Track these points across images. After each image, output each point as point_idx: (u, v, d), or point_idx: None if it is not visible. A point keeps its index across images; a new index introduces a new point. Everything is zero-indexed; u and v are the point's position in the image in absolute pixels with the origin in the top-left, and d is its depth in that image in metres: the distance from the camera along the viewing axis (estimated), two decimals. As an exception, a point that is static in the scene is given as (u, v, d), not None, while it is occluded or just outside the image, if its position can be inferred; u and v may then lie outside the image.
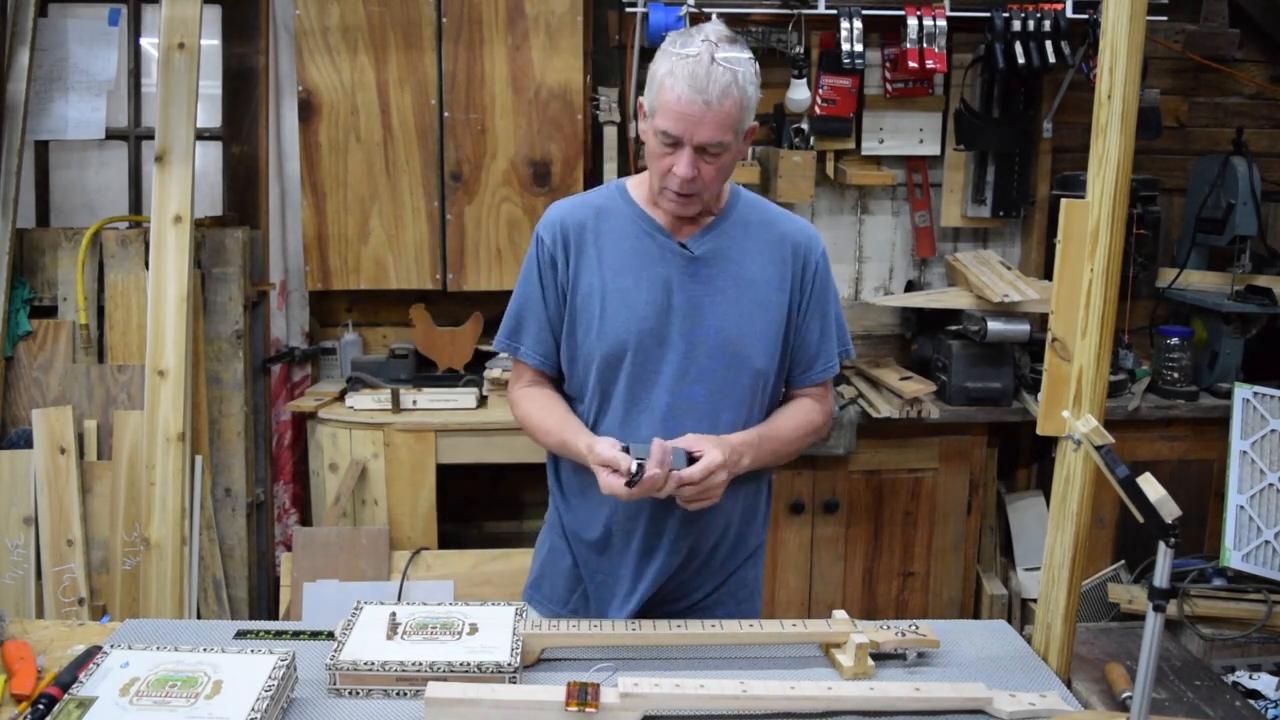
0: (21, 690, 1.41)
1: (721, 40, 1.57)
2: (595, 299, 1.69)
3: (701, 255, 1.69)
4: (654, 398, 1.68)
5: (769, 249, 1.73)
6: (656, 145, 1.61)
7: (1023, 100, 3.33)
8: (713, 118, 1.54)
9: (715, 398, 1.68)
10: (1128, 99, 1.40)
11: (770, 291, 1.71)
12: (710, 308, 1.68)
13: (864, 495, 3.13)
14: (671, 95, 1.55)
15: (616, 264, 1.70)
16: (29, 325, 2.97)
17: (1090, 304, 1.44)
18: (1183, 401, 3.16)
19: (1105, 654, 1.64)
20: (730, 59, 1.55)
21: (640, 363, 1.68)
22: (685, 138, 1.56)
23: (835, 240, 3.51)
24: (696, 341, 1.67)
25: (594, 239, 1.72)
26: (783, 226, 1.76)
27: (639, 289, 1.68)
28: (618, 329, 1.67)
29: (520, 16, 3.06)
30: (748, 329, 1.69)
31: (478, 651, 1.45)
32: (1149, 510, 1.23)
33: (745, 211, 1.75)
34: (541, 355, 1.77)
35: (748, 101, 1.59)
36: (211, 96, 3.22)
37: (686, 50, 1.54)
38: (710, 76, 1.52)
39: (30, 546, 2.84)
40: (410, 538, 3.02)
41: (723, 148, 1.58)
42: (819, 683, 1.43)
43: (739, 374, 1.69)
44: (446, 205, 3.13)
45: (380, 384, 3.11)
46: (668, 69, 1.56)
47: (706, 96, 1.53)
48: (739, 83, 1.55)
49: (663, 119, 1.57)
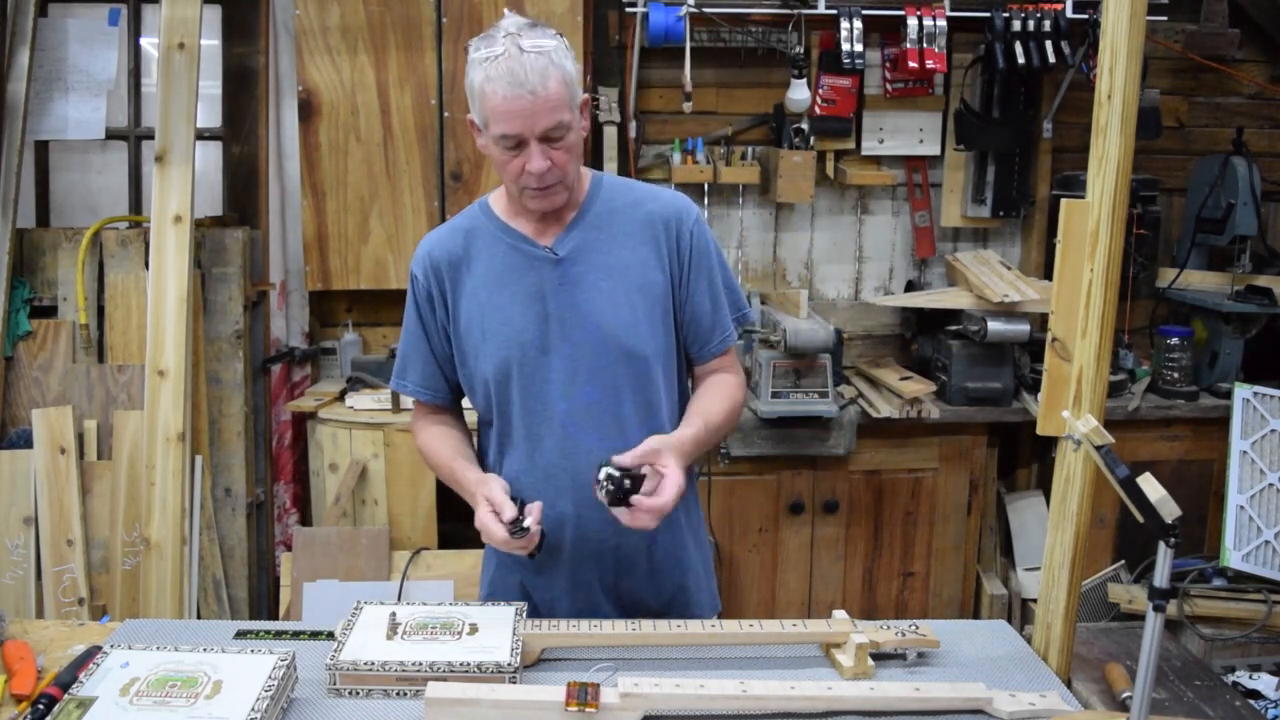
0: (21, 690, 1.42)
1: (522, 29, 1.54)
2: (476, 324, 1.68)
3: (567, 255, 1.66)
4: (550, 407, 1.66)
5: (638, 230, 1.69)
6: (501, 153, 1.58)
7: (1023, 100, 3.33)
8: (543, 105, 1.52)
9: (611, 394, 1.66)
10: (1128, 99, 1.40)
11: (646, 273, 1.68)
12: (586, 305, 1.65)
13: (864, 495, 3.13)
14: (497, 99, 1.52)
15: (490, 283, 1.68)
16: (29, 325, 2.97)
17: (1090, 304, 1.44)
18: (1183, 401, 3.16)
19: (1105, 654, 1.64)
20: (537, 44, 1.53)
21: (528, 375, 1.66)
22: (526, 133, 1.54)
23: (835, 240, 3.51)
24: (579, 343, 1.65)
25: (466, 265, 1.70)
26: (649, 205, 1.72)
27: (514, 303, 1.66)
28: (499, 348, 1.66)
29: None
30: (628, 318, 1.66)
31: (478, 651, 1.45)
32: (1149, 510, 1.23)
33: (610, 198, 1.72)
34: (431, 390, 1.77)
35: (569, 77, 1.56)
36: (211, 96, 3.22)
37: (493, 52, 1.52)
38: (526, 67, 1.50)
39: (30, 546, 2.84)
40: (410, 538, 3.02)
41: (565, 129, 1.56)
42: (819, 683, 1.43)
43: (629, 365, 1.66)
44: (446, 205, 3.13)
45: (380, 384, 3.11)
46: (483, 76, 1.53)
47: (530, 86, 1.50)
48: (555, 62, 1.53)
49: (497, 124, 1.54)
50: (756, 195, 3.42)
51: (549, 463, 1.67)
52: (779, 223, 3.49)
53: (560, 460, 1.67)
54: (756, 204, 3.45)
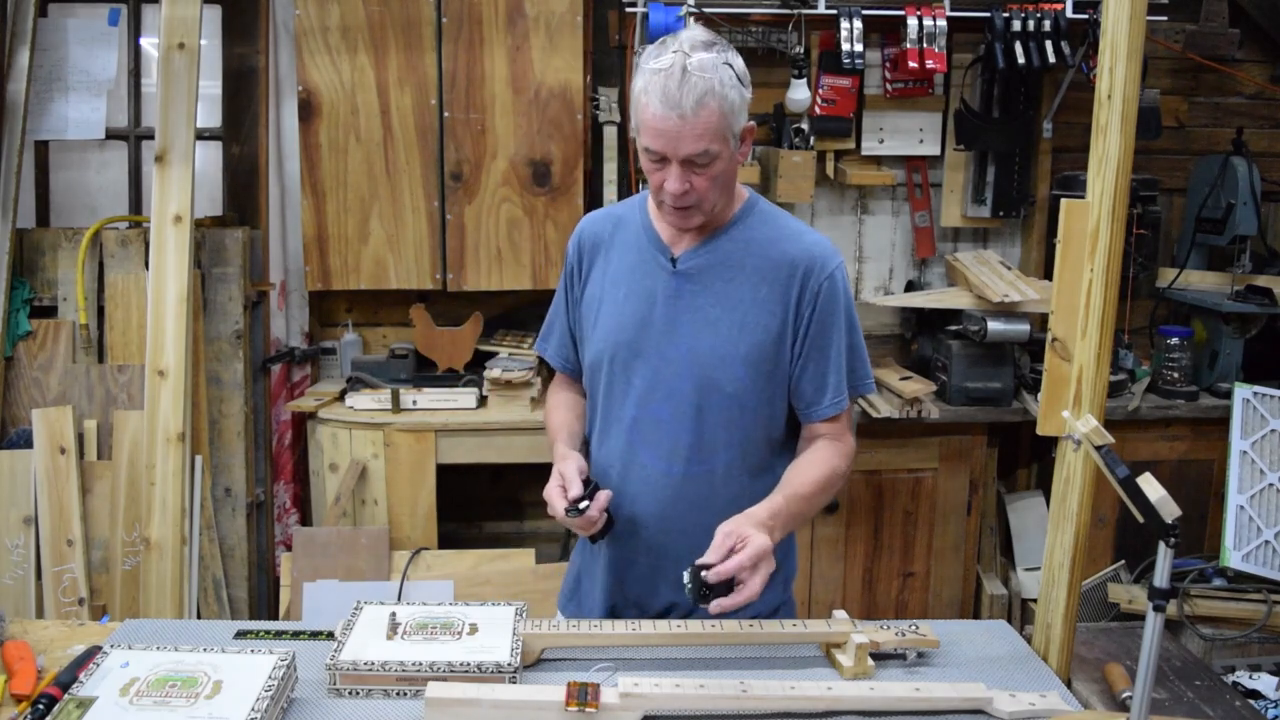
0: (21, 690, 1.41)
1: (696, 47, 1.50)
2: (592, 309, 1.72)
3: (686, 270, 1.65)
4: (624, 411, 1.68)
5: (769, 268, 1.64)
6: (646, 161, 1.57)
7: (1023, 100, 3.33)
8: (691, 130, 1.49)
9: (681, 419, 1.64)
10: (1128, 99, 1.40)
11: (760, 314, 1.63)
12: (686, 325, 1.64)
13: (864, 495, 3.13)
14: (648, 113, 1.51)
15: (616, 275, 1.71)
16: (29, 325, 2.97)
17: (1090, 304, 1.44)
18: (1183, 401, 3.16)
19: (1105, 654, 1.64)
20: (704, 64, 1.48)
21: (616, 374, 1.68)
22: (669, 153, 1.52)
23: (835, 240, 3.48)
24: (668, 358, 1.64)
25: (606, 251, 1.74)
26: (788, 246, 1.65)
27: (627, 300, 1.68)
28: (600, 340, 1.70)
29: (520, 16, 3.06)
30: (723, 351, 1.62)
31: (478, 651, 1.45)
32: (1149, 510, 1.23)
33: (753, 226, 1.67)
34: (563, 359, 1.84)
35: (729, 106, 1.51)
36: (211, 96, 3.22)
37: (659, 64, 1.50)
38: (684, 88, 1.47)
39: (30, 546, 2.84)
40: (410, 538, 3.02)
41: (711, 157, 1.52)
42: (819, 683, 1.43)
43: (707, 396, 1.63)
44: (446, 205, 3.13)
45: (380, 384, 3.11)
46: (642, 85, 1.52)
47: (681, 110, 1.47)
48: (716, 89, 1.49)
49: (645, 136, 1.54)
50: (756, 195, 3.42)
51: (607, 462, 1.72)
52: (779, 223, 3.48)
53: (617, 463, 1.70)
54: (756, 204, 3.44)
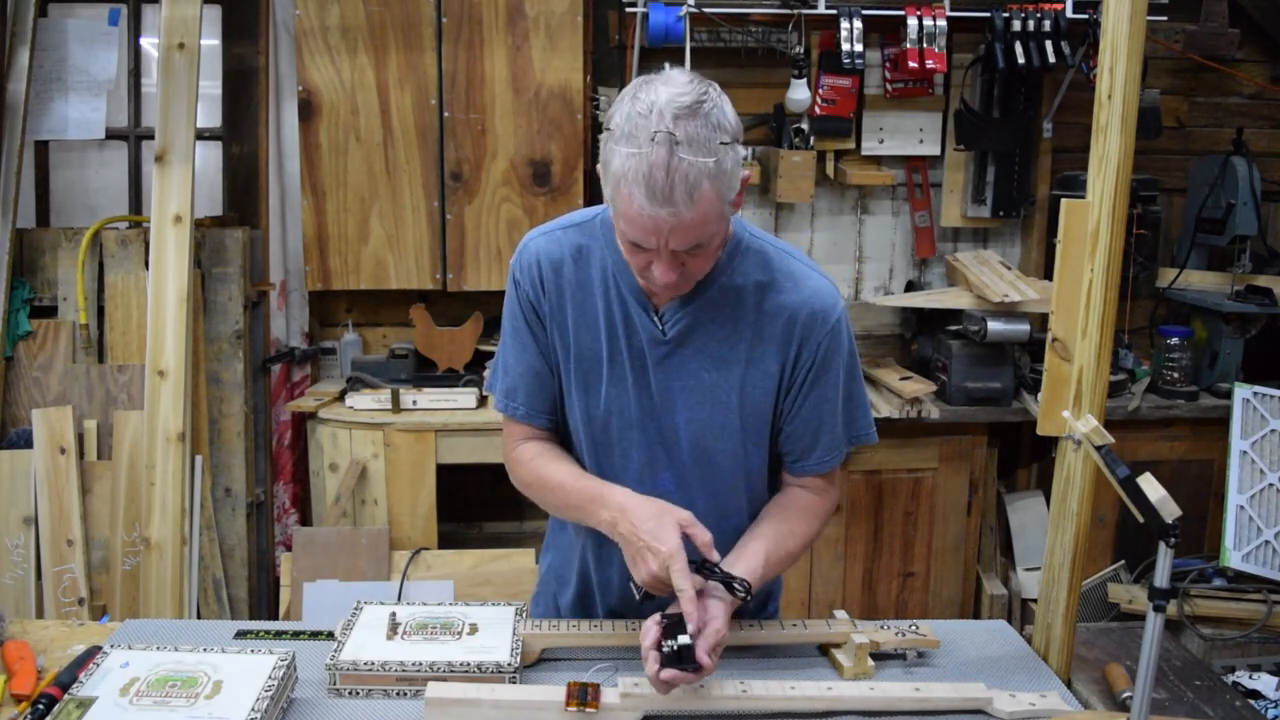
0: (21, 690, 1.41)
1: (680, 116, 1.25)
2: (579, 370, 1.52)
3: (675, 337, 1.47)
4: (624, 482, 1.50)
5: (766, 322, 1.48)
6: (626, 245, 1.36)
7: (1023, 100, 3.33)
8: (684, 225, 1.27)
9: (685, 490, 1.52)
10: (1128, 99, 1.40)
11: (756, 375, 1.49)
12: (681, 396, 1.49)
13: (864, 495, 3.13)
14: (632, 206, 1.27)
15: (590, 325, 1.50)
16: (29, 325, 2.97)
17: (1090, 304, 1.44)
18: (1183, 401, 3.16)
19: (1105, 654, 1.64)
20: (694, 139, 1.24)
21: (612, 444, 1.53)
22: (658, 246, 1.31)
23: (835, 240, 3.51)
24: (665, 429, 1.51)
25: (571, 290, 1.50)
26: (787, 297, 1.48)
27: (618, 364, 1.49)
28: (591, 406, 1.51)
29: (520, 16, 3.06)
30: (722, 421, 1.49)
31: (478, 651, 1.45)
32: (1149, 510, 1.23)
33: (744, 272, 1.48)
34: (537, 410, 1.56)
35: (725, 190, 1.29)
36: (211, 96, 3.22)
37: (638, 146, 1.25)
38: (672, 179, 1.23)
39: (30, 546, 2.84)
40: (410, 538, 3.01)
41: (707, 240, 1.33)
42: (819, 683, 1.43)
43: (709, 467, 1.53)
44: (446, 205, 3.13)
45: (380, 384, 3.11)
46: (620, 169, 1.27)
47: (673, 206, 1.25)
48: (712, 169, 1.25)
49: (626, 225, 1.31)
50: (756, 195, 3.42)
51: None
52: (779, 223, 3.49)
53: None
54: (756, 204, 3.45)
